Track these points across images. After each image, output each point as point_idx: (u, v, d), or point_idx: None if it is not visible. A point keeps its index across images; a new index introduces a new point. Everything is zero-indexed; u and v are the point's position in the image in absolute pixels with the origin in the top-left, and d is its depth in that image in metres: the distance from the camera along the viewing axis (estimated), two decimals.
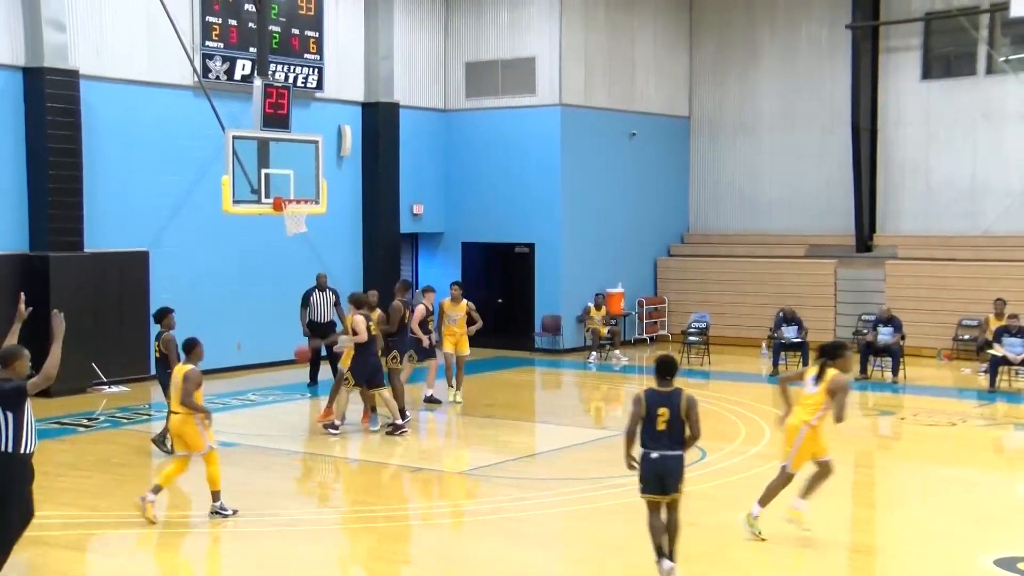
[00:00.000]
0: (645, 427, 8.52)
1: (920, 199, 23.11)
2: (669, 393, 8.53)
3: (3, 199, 16.87)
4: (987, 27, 22.30)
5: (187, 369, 10.53)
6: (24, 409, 8.09)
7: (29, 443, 8.12)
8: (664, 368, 8.57)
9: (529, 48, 22.55)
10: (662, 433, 8.50)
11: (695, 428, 8.55)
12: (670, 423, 8.48)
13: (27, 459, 8.16)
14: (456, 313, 16.51)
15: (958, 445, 14.31)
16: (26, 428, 8.10)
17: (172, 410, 10.65)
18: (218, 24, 19.01)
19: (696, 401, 8.58)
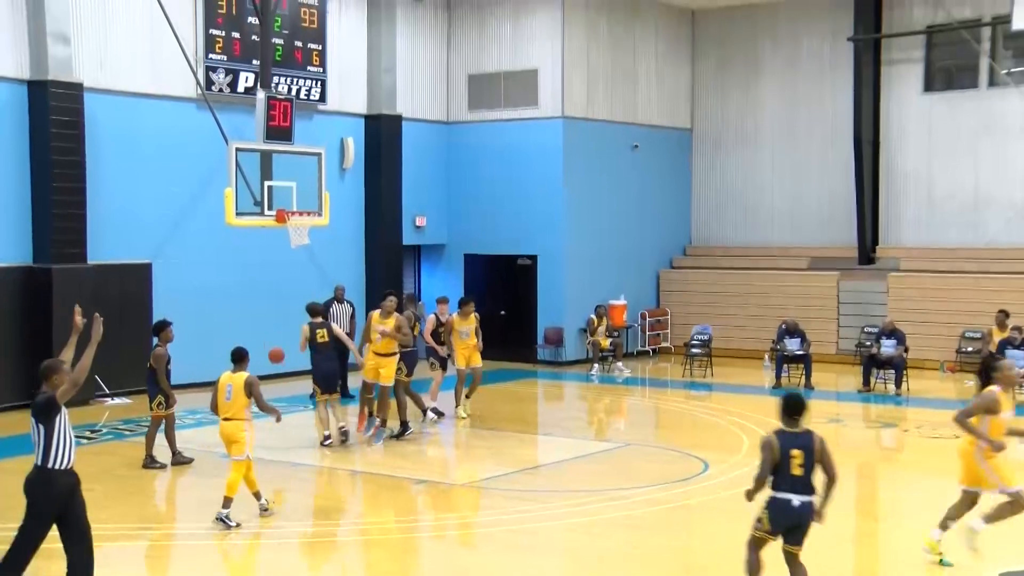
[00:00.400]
0: (779, 471, 8.02)
1: (922, 211, 23.11)
2: (801, 434, 8.05)
3: (7, 211, 16.91)
4: (989, 40, 22.33)
5: (247, 376, 10.94)
6: (55, 422, 7.92)
7: (60, 458, 7.94)
8: (793, 408, 8.08)
9: (532, 60, 22.60)
10: (798, 478, 8.00)
11: (832, 470, 8.11)
12: (805, 466, 7.99)
13: (55, 474, 7.97)
14: (467, 327, 16.42)
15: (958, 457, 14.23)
16: (56, 442, 7.93)
17: (227, 417, 10.91)
18: (221, 36, 19.06)
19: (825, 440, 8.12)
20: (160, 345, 13.20)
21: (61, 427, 7.92)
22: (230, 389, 10.93)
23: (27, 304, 16.95)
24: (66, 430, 7.94)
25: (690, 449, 14.21)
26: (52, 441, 7.89)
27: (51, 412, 7.92)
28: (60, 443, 7.92)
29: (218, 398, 11.00)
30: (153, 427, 13.28)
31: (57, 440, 7.90)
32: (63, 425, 7.93)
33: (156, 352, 13.11)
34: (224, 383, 11.00)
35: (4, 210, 16.88)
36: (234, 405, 10.88)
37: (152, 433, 13.28)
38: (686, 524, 11.14)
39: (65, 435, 7.93)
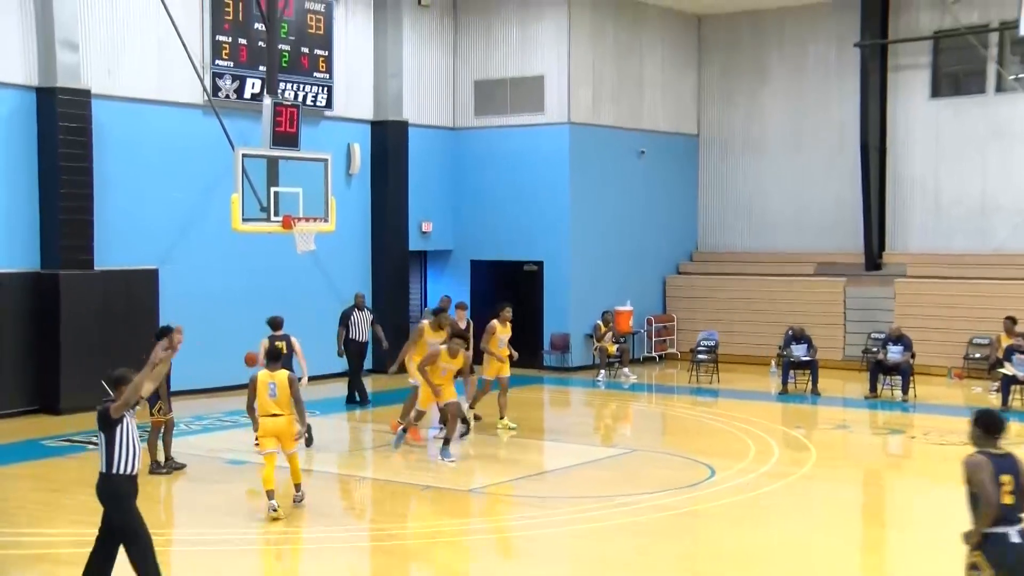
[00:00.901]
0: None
1: (929, 217, 23.07)
2: (1006, 456, 7.05)
3: (15, 217, 16.95)
4: (996, 45, 22.30)
5: (289, 373, 11.50)
6: (115, 432, 8.07)
7: (122, 464, 8.08)
8: (995, 425, 7.12)
9: (538, 66, 22.62)
10: (1011, 507, 6.91)
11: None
12: (1015, 493, 6.93)
13: (118, 479, 8.13)
14: (505, 335, 16.04)
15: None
16: (118, 449, 8.07)
17: (276, 413, 11.33)
18: (228, 43, 19.11)
19: None
20: None
21: (123, 436, 8.09)
22: (274, 387, 11.34)
23: (35, 310, 16.98)
24: (128, 438, 8.08)
25: (696, 455, 14.19)
26: (113, 449, 8.07)
27: (108, 423, 8.11)
28: (122, 450, 8.06)
29: (260, 396, 11.33)
30: (153, 433, 13.24)
31: (119, 448, 8.05)
32: (125, 434, 8.09)
33: None
34: (265, 381, 11.39)
35: (12, 216, 16.93)
36: (281, 401, 11.33)
37: (153, 440, 13.24)
38: (692, 530, 11.12)
39: (126, 443, 8.06)
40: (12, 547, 10.20)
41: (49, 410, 16.87)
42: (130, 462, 8.09)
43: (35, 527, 10.84)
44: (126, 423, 8.10)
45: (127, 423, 8.10)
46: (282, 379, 11.38)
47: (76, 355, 16.98)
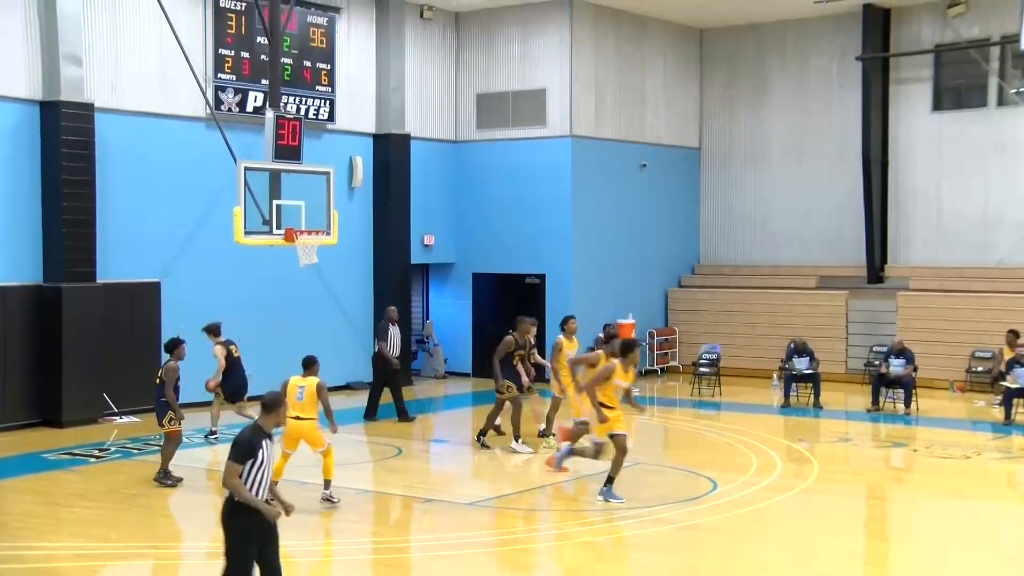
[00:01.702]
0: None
1: (932, 230, 23.08)
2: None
3: (18, 231, 16.98)
4: (998, 59, 22.34)
5: (319, 380, 12.10)
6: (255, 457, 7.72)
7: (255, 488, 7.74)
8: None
9: (540, 80, 22.67)
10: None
11: None
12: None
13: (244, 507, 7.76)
14: (572, 351, 15.65)
15: (973, 478, 14.19)
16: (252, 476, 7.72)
17: (299, 416, 11.93)
18: (230, 56, 19.17)
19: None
20: (172, 360, 13.21)
21: (256, 463, 7.74)
22: (302, 391, 11.99)
23: (37, 323, 17.00)
24: (262, 464, 7.76)
25: (698, 468, 14.17)
26: (247, 475, 7.73)
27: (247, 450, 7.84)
28: (254, 474, 7.74)
29: (288, 399, 11.76)
30: (168, 445, 13.21)
31: (251, 471, 7.73)
32: (261, 458, 7.76)
33: (169, 365, 13.12)
34: (295, 385, 12.04)
35: (15, 229, 16.96)
36: (306, 405, 11.96)
37: (168, 451, 13.18)
38: (695, 544, 11.10)
39: (261, 468, 7.76)
40: (13, 561, 10.19)
41: (51, 423, 16.87)
42: (258, 489, 7.75)
43: (36, 540, 10.83)
44: (261, 449, 7.77)
45: (261, 450, 7.77)
46: (311, 385, 11.99)
47: (78, 368, 17.00)
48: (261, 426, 7.88)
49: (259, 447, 7.75)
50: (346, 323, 21.47)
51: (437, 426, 18.64)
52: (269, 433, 7.92)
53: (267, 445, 7.83)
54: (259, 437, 7.81)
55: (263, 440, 7.81)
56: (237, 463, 7.68)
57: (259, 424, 7.90)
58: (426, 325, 23.95)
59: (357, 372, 21.53)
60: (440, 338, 23.68)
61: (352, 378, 21.42)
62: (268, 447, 7.84)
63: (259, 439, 7.80)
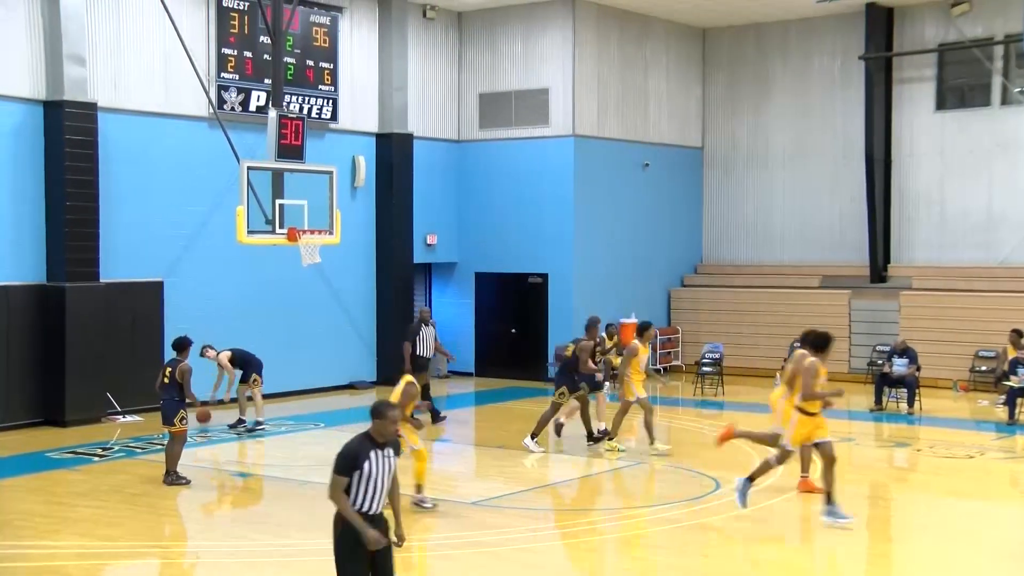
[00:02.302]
0: None
1: (935, 230, 23.06)
2: None
3: (22, 230, 17.00)
4: (1001, 58, 22.32)
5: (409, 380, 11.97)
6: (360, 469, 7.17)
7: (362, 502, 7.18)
8: None
9: (542, 79, 22.66)
10: None
11: None
12: None
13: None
14: (646, 356, 15.54)
15: (976, 478, 14.18)
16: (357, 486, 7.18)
17: None
18: (233, 56, 19.18)
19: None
20: (183, 360, 13.09)
21: (363, 474, 7.20)
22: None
23: (40, 322, 17.02)
24: (371, 476, 7.19)
25: (701, 468, 14.17)
26: (353, 487, 7.21)
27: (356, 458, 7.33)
28: (360, 488, 7.19)
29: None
30: (174, 443, 13.15)
31: (358, 484, 7.19)
32: (369, 470, 7.20)
33: (183, 367, 13.00)
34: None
35: (18, 229, 16.98)
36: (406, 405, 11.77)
37: (176, 449, 13.13)
38: (698, 543, 11.09)
39: (368, 480, 7.19)
40: (17, 560, 10.20)
41: (54, 422, 16.89)
42: (371, 501, 7.20)
43: (40, 539, 10.84)
44: (371, 459, 7.21)
45: (372, 460, 7.21)
46: (398, 387, 11.97)
47: (81, 367, 17.01)
48: (371, 435, 7.29)
49: (365, 458, 7.15)
50: (348, 322, 21.48)
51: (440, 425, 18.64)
52: (381, 443, 7.27)
53: (377, 456, 7.20)
54: (366, 447, 7.21)
55: (371, 450, 7.20)
56: (340, 475, 7.13)
57: (369, 433, 7.31)
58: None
59: (359, 372, 21.55)
60: (442, 338, 23.61)
61: (354, 377, 21.43)
62: (379, 458, 7.21)
63: (366, 449, 7.20)
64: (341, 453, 7.21)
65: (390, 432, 7.34)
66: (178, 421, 13.04)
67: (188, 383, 12.95)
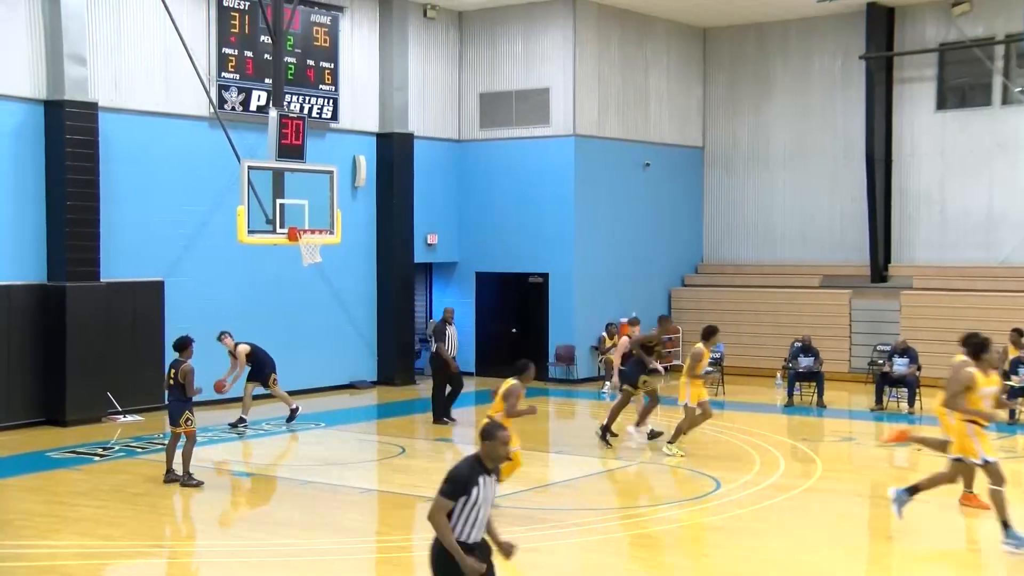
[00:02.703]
0: None
1: (935, 229, 23.06)
2: None
3: (22, 230, 17.01)
4: (1002, 58, 22.32)
5: (510, 384, 11.97)
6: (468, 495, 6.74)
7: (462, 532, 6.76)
8: None
9: (543, 79, 22.67)
10: None
11: None
12: None
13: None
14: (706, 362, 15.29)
15: (977, 478, 14.15)
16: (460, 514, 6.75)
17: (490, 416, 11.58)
18: (234, 56, 19.18)
19: None
20: (184, 360, 13.06)
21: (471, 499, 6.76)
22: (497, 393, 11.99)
23: (41, 322, 17.02)
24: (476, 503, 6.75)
25: (702, 467, 14.17)
26: (453, 510, 6.77)
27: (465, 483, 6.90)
28: (464, 515, 6.77)
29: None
30: (189, 444, 13.07)
31: (462, 511, 6.76)
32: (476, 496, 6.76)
33: (184, 368, 12.97)
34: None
35: (19, 228, 16.98)
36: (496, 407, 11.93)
37: (188, 450, 13.05)
38: (698, 543, 11.10)
39: (474, 507, 6.76)
40: (17, 559, 10.21)
41: (55, 422, 16.89)
42: (470, 530, 6.78)
43: (40, 539, 10.84)
44: (478, 486, 6.77)
45: (478, 487, 6.76)
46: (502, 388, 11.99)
47: (82, 367, 17.02)
48: (481, 459, 6.84)
49: (475, 484, 6.72)
50: (349, 322, 21.49)
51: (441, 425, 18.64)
52: (490, 468, 6.84)
53: (485, 482, 6.78)
54: (477, 472, 6.77)
55: (481, 476, 6.77)
56: (447, 499, 6.70)
57: (479, 456, 6.86)
58: (429, 324, 23.93)
59: (360, 371, 21.56)
60: None
61: (355, 377, 21.44)
62: (487, 484, 6.79)
63: (477, 474, 6.76)
64: (451, 476, 6.76)
65: (501, 454, 6.90)
66: (183, 422, 13.00)
67: (190, 383, 12.94)
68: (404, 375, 21.93)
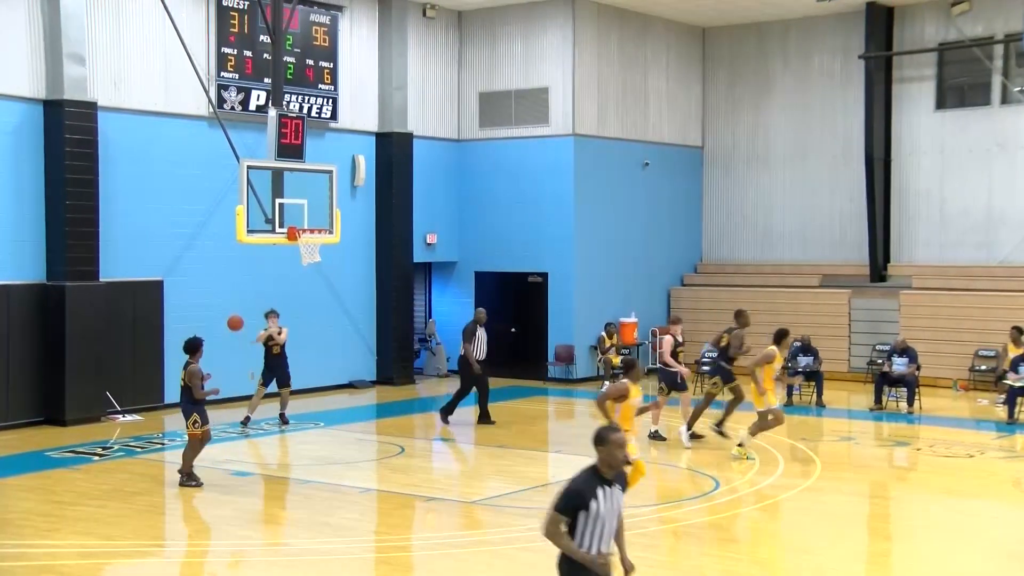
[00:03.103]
0: None
1: (935, 229, 23.06)
2: None
3: (21, 229, 17.00)
4: (1001, 57, 22.32)
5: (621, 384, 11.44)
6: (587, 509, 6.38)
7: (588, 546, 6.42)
8: None
9: (542, 78, 22.66)
10: None
11: None
12: None
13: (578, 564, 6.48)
14: (779, 364, 14.84)
15: (976, 477, 14.18)
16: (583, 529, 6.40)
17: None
18: (233, 55, 19.18)
19: None
20: (193, 362, 12.96)
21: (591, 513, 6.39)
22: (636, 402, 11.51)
23: (40, 321, 17.02)
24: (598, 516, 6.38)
25: (700, 467, 14.17)
26: (575, 526, 6.43)
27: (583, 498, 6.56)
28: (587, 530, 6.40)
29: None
30: (190, 446, 13.00)
31: (584, 526, 6.40)
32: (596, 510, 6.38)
33: (191, 369, 12.89)
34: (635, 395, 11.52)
35: (18, 228, 16.98)
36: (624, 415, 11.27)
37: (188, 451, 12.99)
38: (697, 543, 11.09)
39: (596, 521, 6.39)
40: (17, 559, 10.21)
41: (54, 421, 16.89)
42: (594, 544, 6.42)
43: (40, 539, 10.84)
44: (595, 501, 6.39)
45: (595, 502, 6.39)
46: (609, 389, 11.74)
47: (81, 366, 17.02)
48: (597, 469, 6.47)
49: (592, 496, 6.36)
50: (348, 322, 21.49)
51: (439, 425, 18.65)
52: (609, 477, 6.46)
53: (605, 494, 6.40)
54: (593, 484, 6.41)
55: (598, 487, 6.40)
56: (560, 514, 6.39)
57: (595, 466, 6.49)
58: (429, 324, 23.97)
59: (359, 371, 21.56)
60: (443, 337, 23.69)
61: (354, 377, 21.44)
62: (608, 496, 6.41)
63: (592, 486, 6.40)
64: (565, 489, 6.44)
65: (618, 459, 6.47)
66: (190, 424, 12.92)
67: (196, 386, 12.82)
68: (403, 375, 21.93)
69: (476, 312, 17.73)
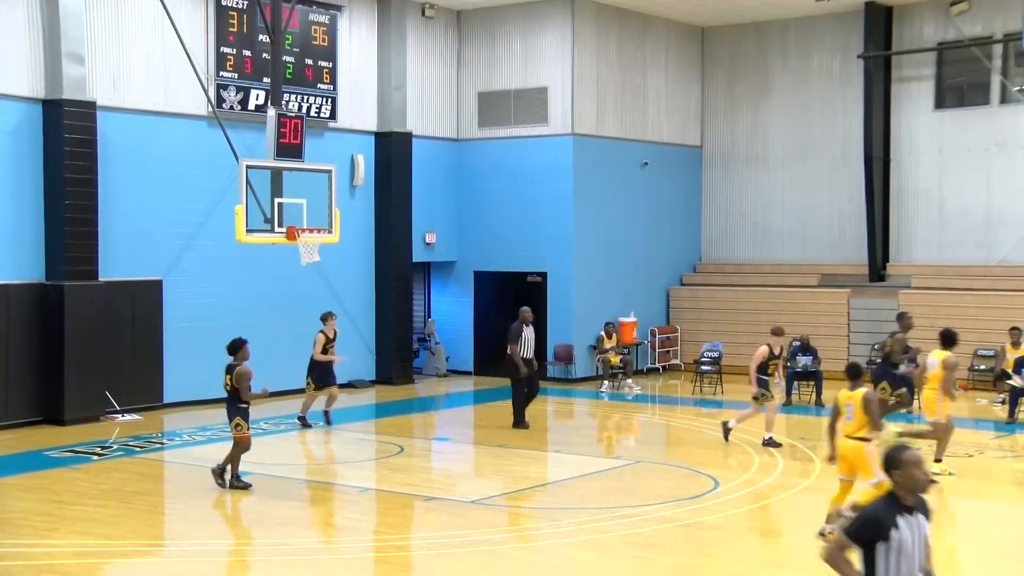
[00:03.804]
0: None
1: (934, 229, 23.06)
2: None
3: (20, 229, 17.00)
4: (1000, 57, 22.32)
5: (864, 391, 10.63)
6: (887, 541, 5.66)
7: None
8: None
9: (541, 78, 22.66)
10: None
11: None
12: None
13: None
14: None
15: (976, 477, 14.19)
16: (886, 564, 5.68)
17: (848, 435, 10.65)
18: (232, 55, 19.17)
19: None
20: (238, 363, 12.74)
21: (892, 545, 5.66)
22: (850, 408, 10.68)
23: (39, 321, 17.01)
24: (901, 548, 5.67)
25: (700, 467, 14.17)
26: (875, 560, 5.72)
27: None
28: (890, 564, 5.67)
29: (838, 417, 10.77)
30: (235, 449, 12.81)
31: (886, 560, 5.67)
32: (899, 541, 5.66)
33: (239, 371, 12.66)
34: (843, 402, 10.77)
35: (17, 227, 16.97)
36: (855, 423, 10.64)
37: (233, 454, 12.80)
38: (696, 542, 11.10)
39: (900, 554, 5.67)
40: (15, 558, 10.20)
41: (53, 421, 16.89)
42: None
43: (38, 538, 10.84)
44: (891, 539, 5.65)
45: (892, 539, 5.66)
46: (856, 399, 10.62)
47: (80, 366, 17.01)
48: (897, 495, 5.70)
49: (891, 525, 5.62)
50: (348, 322, 21.47)
51: (439, 424, 18.66)
52: (910, 503, 5.68)
53: (909, 524, 5.66)
54: (892, 512, 5.66)
55: (898, 515, 5.65)
56: (849, 539, 5.76)
57: (892, 494, 5.73)
58: (428, 323, 23.97)
59: (359, 371, 21.54)
60: (442, 336, 23.70)
61: (354, 377, 21.43)
62: (911, 525, 5.66)
63: (891, 515, 5.65)
64: (860, 517, 5.81)
65: (920, 480, 5.68)
66: (233, 427, 12.76)
67: (244, 387, 12.57)
68: (402, 374, 21.92)
69: (521, 312, 17.04)
